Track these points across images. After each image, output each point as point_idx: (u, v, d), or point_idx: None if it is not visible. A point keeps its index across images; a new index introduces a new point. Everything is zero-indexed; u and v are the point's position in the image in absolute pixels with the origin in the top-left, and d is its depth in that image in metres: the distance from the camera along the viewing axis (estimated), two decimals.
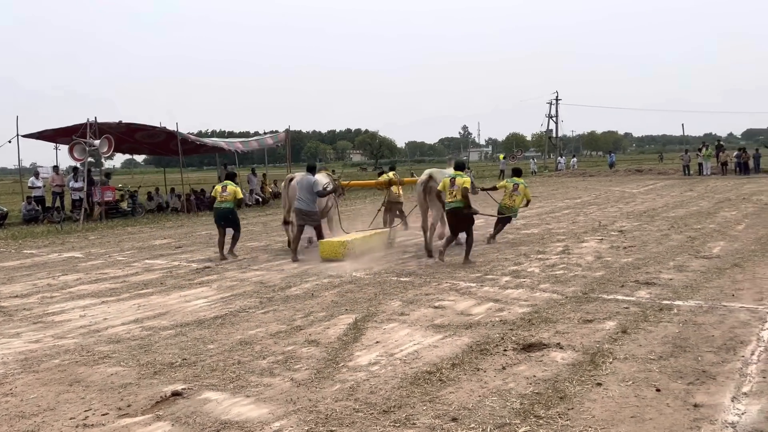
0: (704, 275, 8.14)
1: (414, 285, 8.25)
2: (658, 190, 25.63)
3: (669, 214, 15.96)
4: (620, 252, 10.27)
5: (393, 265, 9.84)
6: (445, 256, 9.97)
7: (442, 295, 7.63)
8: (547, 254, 10.36)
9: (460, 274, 8.94)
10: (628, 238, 11.76)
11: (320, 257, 10.62)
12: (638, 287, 7.63)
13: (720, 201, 19.00)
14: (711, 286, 7.55)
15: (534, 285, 7.99)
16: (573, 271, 8.78)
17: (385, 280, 8.61)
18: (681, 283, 7.72)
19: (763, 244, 10.53)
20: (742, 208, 16.49)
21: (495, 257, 10.24)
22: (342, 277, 9.01)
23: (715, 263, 8.94)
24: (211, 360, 5.50)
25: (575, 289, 7.63)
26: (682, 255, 9.75)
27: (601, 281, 8.04)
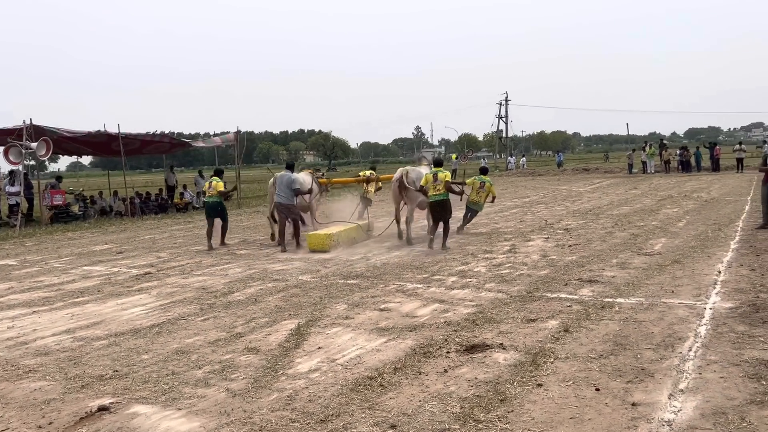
0: (645, 272, 8.26)
1: (361, 287, 8.14)
2: (604, 188, 26.17)
3: (613, 211, 16.26)
4: (565, 250, 10.38)
5: (341, 267, 9.72)
6: (433, 244, 11.33)
7: (388, 297, 7.54)
8: (494, 253, 10.39)
9: (407, 275, 8.87)
10: (573, 237, 11.91)
11: (308, 248, 11.77)
12: (581, 285, 7.69)
13: (662, 198, 19.47)
14: (652, 282, 7.66)
15: (480, 285, 7.98)
16: (519, 270, 8.81)
17: (332, 283, 8.48)
18: (623, 281, 7.81)
19: (702, 240, 10.79)
20: (683, 205, 16.92)
21: (443, 257, 10.22)
22: (287, 281, 8.83)
23: (656, 260, 9.10)
24: (144, 371, 5.27)
25: (520, 289, 7.64)
26: (624, 252, 9.90)
27: (545, 280, 8.07)
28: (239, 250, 12.27)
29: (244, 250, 12.13)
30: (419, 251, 10.95)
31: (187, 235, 15.42)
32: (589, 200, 20.44)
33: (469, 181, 13.78)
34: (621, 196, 21.57)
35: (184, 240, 14.33)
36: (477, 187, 13.62)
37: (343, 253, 11.14)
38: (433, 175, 11.24)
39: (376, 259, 10.40)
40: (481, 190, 13.56)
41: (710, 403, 4.15)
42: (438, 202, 11.15)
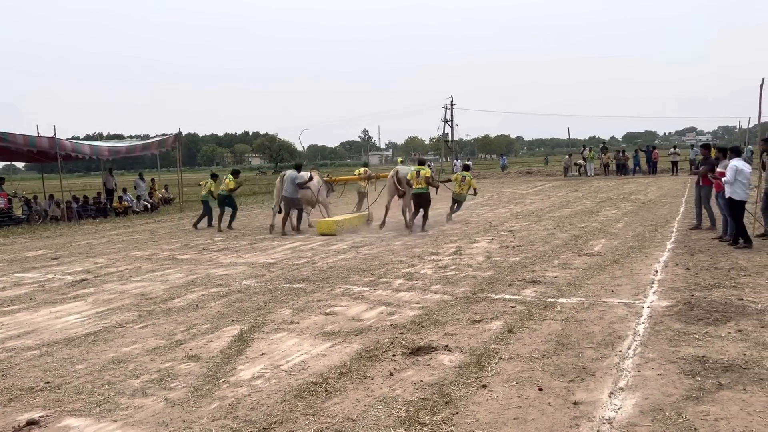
0: (586, 272, 8.44)
1: (306, 291, 8.04)
2: (546, 191, 26.72)
3: (555, 213, 16.61)
4: (509, 251, 10.52)
5: (286, 271, 9.60)
6: (412, 228, 13.82)
7: (334, 300, 7.48)
8: (440, 255, 10.45)
9: (354, 278, 8.82)
10: (517, 238, 12.09)
11: (317, 232, 14.13)
12: (525, 286, 7.79)
13: (602, 201, 20.01)
14: (592, 282, 7.83)
15: (426, 287, 8.00)
16: (464, 272, 8.87)
17: (277, 288, 8.35)
18: (565, 281, 7.95)
19: (640, 240, 11.11)
20: (622, 207, 17.42)
21: (390, 260, 10.21)
22: (230, 286, 8.66)
23: (596, 260, 9.31)
24: (78, 382, 5.05)
25: (465, 290, 7.68)
26: (566, 253, 10.10)
27: (490, 281, 8.15)
28: (180, 255, 11.98)
29: (186, 255, 11.84)
30: (366, 254, 10.92)
31: (127, 239, 14.96)
32: (531, 202, 20.83)
33: (454, 176, 16.41)
34: (562, 198, 22.07)
35: (123, 245, 13.91)
36: (460, 181, 15.92)
37: (290, 257, 11.03)
38: (416, 172, 13.81)
39: (323, 262, 10.32)
40: (463, 184, 15.87)
41: (649, 400, 4.24)
42: (419, 193, 13.81)
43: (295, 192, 14.44)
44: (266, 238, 13.98)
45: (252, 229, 16.07)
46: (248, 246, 12.78)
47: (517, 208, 19.07)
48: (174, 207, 25.24)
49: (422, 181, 13.69)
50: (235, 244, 13.09)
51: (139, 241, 14.42)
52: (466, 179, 15.99)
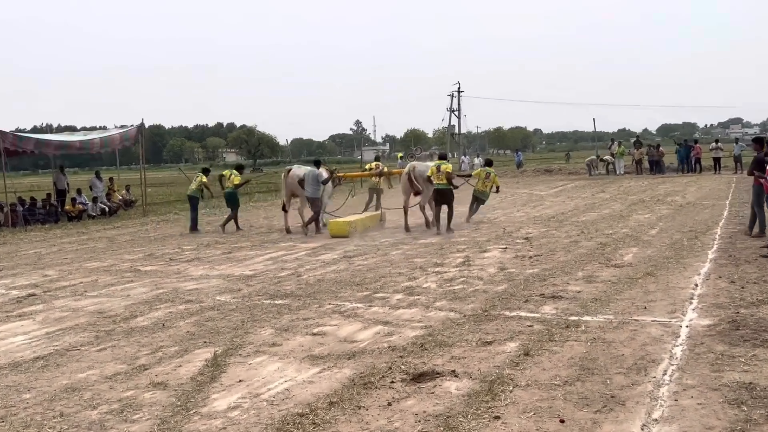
0: (615, 286, 8.49)
1: (291, 308, 8.07)
2: (569, 191, 26.83)
3: (579, 218, 16.68)
4: (525, 262, 10.57)
5: (267, 285, 9.63)
6: (436, 226, 14.94)
7: (323, 319, 7.51)
8: (445, 267, 10.49)
9: (345, 292, 8.85)
10: (535, 246, 12.15)
11: (329, 234, 15.08)
12: (544, 302, 7.83)
13: (633, 203, 20.11)
14: (622, 298, 7.87)
15: (429, 303, 8.03)
16: (473, 286, 8.91)
17: (256, 304, 8.38)
18: (590, 296, 7.99)
19: (677, 249, 11.17)
20: (656, 211, 17.51)
21: (387, 272, 10.25)
22: (202, 302, 8.68)
23: (626, 272, 9.37)
24: (26, 413, 5.06)
25: (475, 306, 7.72)
26: (591, 264, 10.16)
27: (503, 296, 8.19)
28: (144, 266, 11.99)
29: (150, 266, 11.86)
30: (360, 265, 10.96)
31: (81, 248, 14.98)
32: (551, 205, 20.92)
33: (476, 172, 17.57)
34: (587, 200, 22.16)
35: (77, 255, 13.92)
36: (483, 178, 16.98)
37: (271, 268, 11.06)
38: (437, 167, 14.85)
39: (310, 274, 10.36)
40: (486, 181, 16.92)
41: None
42: (441, 190, 14.83)
43: (317, 191, 15.68)
44: (243, 246, 14.02)
45: (231, 234, 16.10)
46: (223, 256, 12.81)
47: (535, 211, 19.14)
48: (136, 211, 25.25)
49: (443, 177, 14.73)
50: (207, 254, 13.12)
51: (96, 251, 14.43)
52: (491, 176, 17.02)
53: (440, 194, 14.94)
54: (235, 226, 17.17)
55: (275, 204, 23.96)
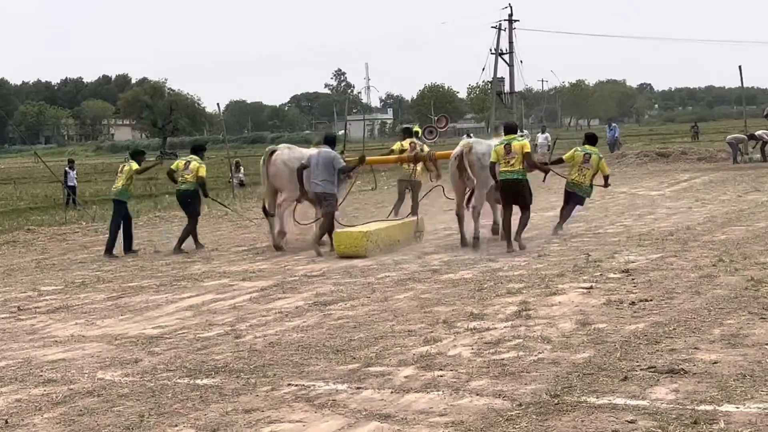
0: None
1: (223, 393, 8.06)
2: (698, 189, 26.85)
3: (716, 236, 16.69)
4: (624, 312, 10.53)
5: (184, 352, 9.60)
6: (506, 240, 15.98)
7: (279, 411, 7.50)
8: (487, 319, 10.47)
9: (317, 364, 8.82)
10: (640, 285, 12.13)
11: (336, 253, 16.27)
12: (655, 380, 7.77)
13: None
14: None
15: (460, 383, 7.98)
16: (534, 353, 8.87)
17: (165, 386, 8.36)
18: (734, 370, 7.93)
19: None
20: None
21: (389, 328, 10.25)
22: (74, 382, 8.66)
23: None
24: None
25: (537, 389, 7.66)
26: (737, 314, 10.10)
27: (586, 371, 8.14)
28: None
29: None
30: (342, 318, 10.92)
31: None
32: (669, 214, 21.01)
33: (568, 155, 18.40)
34: (730, 205, 22.26)
35: None
36: (579, 162, 17.81)
37: (191, 324, 11.04)
38: (505, 145, 15.65)
39: (257, 334, 10.34)
40: (585, 167, 17.73)
41: None
42: (512, 181, 15.64)
43: (331, 183, 17.08)
44: (145, 285, 13.98)
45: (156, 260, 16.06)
46: (109, 302, 12.82)
47: (641, 224, 19.22)
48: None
49: (516, 161, 15.60)
50: (82, 299, 13.10)
51: None
52: (591, 160, 17.89)
53: (510, 189, 15.74)
54: (194, 243, 18.43)
55: None
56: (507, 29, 65.44)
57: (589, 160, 17.68)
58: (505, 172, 15.45)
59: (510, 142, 15.60)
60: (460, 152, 16.45)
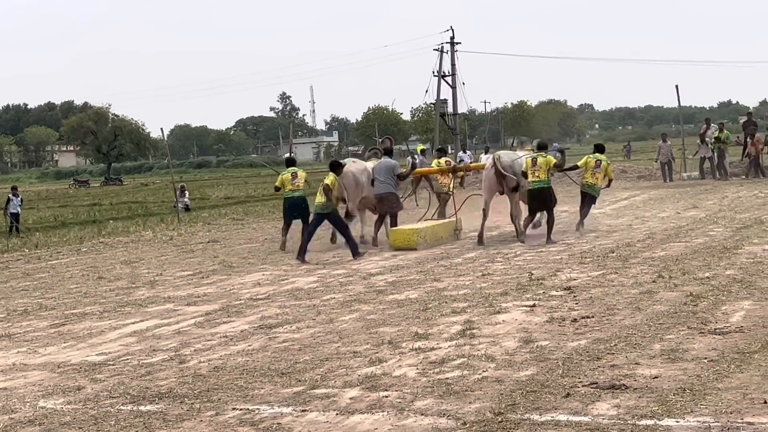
0: (715, 367, 8.53)
1: (167, 419, 8.03)
2: (637, 207, 27.11)
3: (656, 252, 16.84)
4: (566, 329, 10.61)
5: (128, 379, 9.53)
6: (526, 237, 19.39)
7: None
8: (431, 339, 10.50)
9: (263, 387, 8.81)
10: (581, 302, 12.23)
11: (392, 246, 19.68)
12: (596, 396, 7.84)
13: (745, 225, 20.42)
14: (727, 386, 7.89)
15: (405, 403, 8.00)
16: (478, 372, 8.91)
17: (108, 413, 8.31)
18: (673, 385, 8.01)
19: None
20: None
21: (334, 350, 10.26)
22: (15, 411, 8.58)
23: (734, 342, 9.42)
24: None
25: (481, 407, 7.70)
26: (676, 329, 10.21)
27: (529, 388, 8.18)
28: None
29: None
30: (287, 341, 10.90)
31: None
32: (610, 231, 21.17)
33: (581, 162, 21.92)
34: (668, 222, 22.47)
35: None
36: (592, 167, 21.11)
37: (135, 350, 10.96)
38: (533, 159, 18.88)
39: (202, 358, 10.29)
40: (597, 171, 21.03)
41: None
42: (539, 190, 18.81)
43: (393, 186, 20.65)
44: (88, 312, 13.87)
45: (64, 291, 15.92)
46: (51, 328, 12.70)
47: (582, 242, 19.39)
48: None
49: (542, 172, 18.72)
50: (23, 327, 12.99)
51: None
52: (602, 165, 21.13)
53: (537, 196, 18.86)
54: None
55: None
56: (449, 52, 65.78)
57: (600, 165, 20.99)
58: (533, 182, 18.72)
59: (537, 157, 18.87)
60: (492, 162, 19.83)
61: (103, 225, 33.20)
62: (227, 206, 43.03)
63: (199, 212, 39.44)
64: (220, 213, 37.36)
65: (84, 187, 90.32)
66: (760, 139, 38.04)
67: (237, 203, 45.45)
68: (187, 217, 36.05)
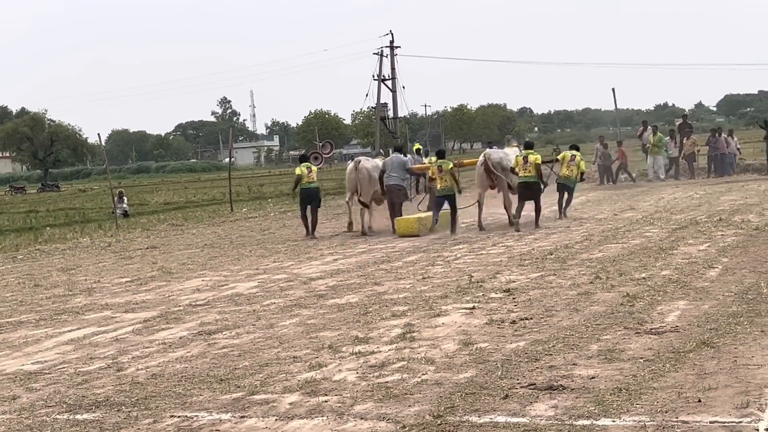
0: (650, 366, 8.61)
1: (104, 427, 7.97)
2: (575, 209, 27.13)
3: (593, 254, 16.97)
4: (505, 331, 10.65)
5: (64, 387, 9.43)
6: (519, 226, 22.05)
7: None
8: (372, 343, 10.50)
9: (201, 394, 8.76)
10: (520, 304, 12.28)
11: (397, 233, 22.39)
12: (534, 397, 7.88)
13: (680, 226, 20.62)
14: (662, 385, 7.98)
15: (345, 407, 8.00)
16: (418, 375, 8.92)
17: (43, 423, 8.22)
18: (610, 385, 8.07)
19: (751, 302, 11.42)
20: (717, 238, 17.96)
21: (273, 356, 10.21)
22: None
23: (669, 342, 9.52)
24: None
25: (421, 410, 7.71)
26: (612, 330, 10.29)
27: (468, 390, 8.21)
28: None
29: None
30: (226, 347, 10.85)
31: None
32: (548, 233, 21.32)
33: (560, 156, 25.11)
34: (605, 223, 22.65)
35: None
36: (568, 161, 24.39)
37: (72, 358, 10.85)
38: (524, 157, 22.14)
39: (139, 366, 10.21)
40: (572, 164, 24.26)
41: None
42: (528, 183, 21.95)
43: (402, 180, 23.95)
44: (24, 320, 13.72)
45: None
46: None
47: (521, 244, 19.49)
48: None
49: (531, 168, 21.88)
50: None
51: None
52: (576, 159, 24.45)
53: (526, 188, 21.92)
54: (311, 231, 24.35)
55: None
56: (389, 56, 65.71)
57: (574, 159, 24.32)
58: (523, 177, 21.88)
59: (527, 155, 22.10)
60: (483, 160, 22.87)
61: (40, 232, 32.81)
62: (166, 212, 42.65)
63: (138, 218, 39.10)
64: (159, 219, 37.00)
65: (20, 193, 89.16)
66: (696, 141, 38.56)
67: (176, 209, 45.10)
68: (125, 223, 35.75)
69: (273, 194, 52.04)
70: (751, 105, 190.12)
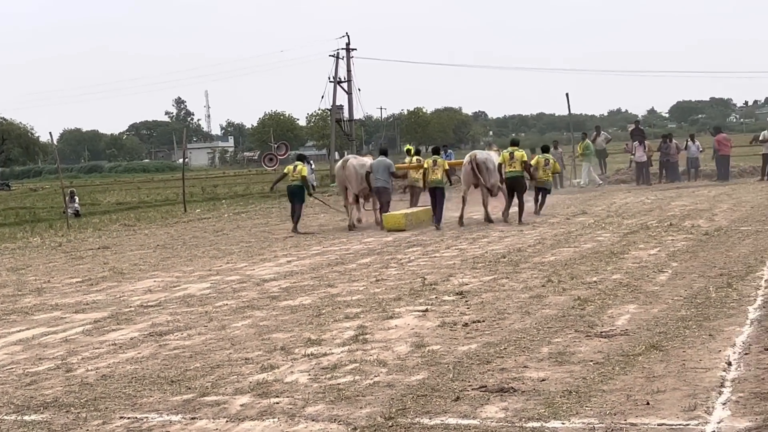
0: (600, 369, 8.68)
1: (53, 428, 7.93)
2: (528, 212, 27.31)
3: (546, 257, 17.07)
4: (457, 334, 10.68)
5: (12, 388, 9.36)
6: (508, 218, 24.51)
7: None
8: (324, 345, 10.49)
9: (152, 396, 8.72)
10: (473, 307, 12.32)
11: (385, 228, 23.98)
12: (485, 399, 7.92)
13: (631, 231, 20.80)
14: (611, 388, 8.04)
15: (296, 409, 8.00)
16: (370, 377, 8.94)
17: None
18: (560, 387, 8.13)
19: (699, 306, 11.52)
20: (667, 243, 18.12)
21: (225, 357, 10.19)
22: None
23: (619, 345, 9.60)
24: None
25: (372, 412, 7.73)
26: (563, 333, 10.37)
27: (420, 392, 8.23)
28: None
29: None
30: (178, 348, 10.80)
31: None
32: (501, 236, 21.41)
33: (534, 161, 26.27)
34: (557, 227, 22.83)
35: None
36: (543, 165, 26.10)
37: (20, 358, 10.78)
38: (510, 154, 24.10)
39: (89, 367, 10.14)
40: (546, 168, 26.17)
41: None
42: (514, 178, 24.01)
43: (387, 182, 25.54)
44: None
45: None
46: None
47: (474, 247, 19.54)
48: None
49: (517, 164, 23.80)
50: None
51: None
52: (550, 163, 26.32)
53: (513, 183, 23.95)
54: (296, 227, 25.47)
55: None
56: (345, 58, 65.67)
57: (549, 164, 26.27)
58: (510, 172, 23.83)
59: (513, 152, 24.09)
60: (470, 160, 24.56)
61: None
62: (119, 212, 42.29)
63: (90, 218, 38.74)
64: (111, 219, 36.69)
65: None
66: (651, 147, 38.93)
67: (129, 209, 44.71)
68: (77, 223, 35.42)
69: (227, 195, 51.87)
70: (702, 111, 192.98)
